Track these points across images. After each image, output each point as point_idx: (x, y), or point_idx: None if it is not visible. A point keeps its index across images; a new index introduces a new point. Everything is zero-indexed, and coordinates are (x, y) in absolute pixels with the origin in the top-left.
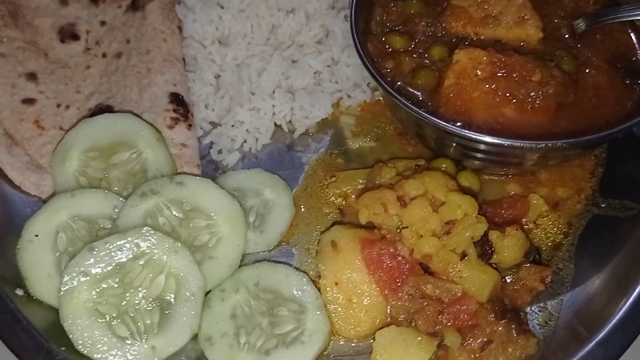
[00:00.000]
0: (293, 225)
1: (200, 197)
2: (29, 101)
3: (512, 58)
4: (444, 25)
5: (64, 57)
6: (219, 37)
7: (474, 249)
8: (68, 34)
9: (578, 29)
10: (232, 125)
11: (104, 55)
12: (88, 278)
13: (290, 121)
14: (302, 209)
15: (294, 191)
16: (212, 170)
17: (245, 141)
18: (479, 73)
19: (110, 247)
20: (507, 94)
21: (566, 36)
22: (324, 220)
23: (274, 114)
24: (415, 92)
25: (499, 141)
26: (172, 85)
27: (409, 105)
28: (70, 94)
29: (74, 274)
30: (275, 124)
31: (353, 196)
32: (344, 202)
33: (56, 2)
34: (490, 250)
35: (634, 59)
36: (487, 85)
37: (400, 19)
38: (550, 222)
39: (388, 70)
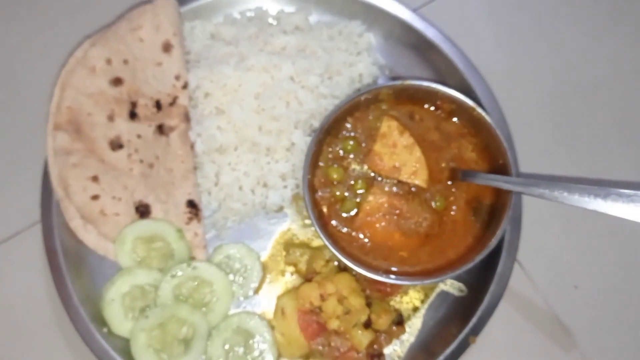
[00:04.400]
0: (261, 282)
1: (206, 275)
2: (95, 197)
3: (402, 206)
4: (367, 164)
5: (115, 162)
6: (217, 148)
7: (360, 322)
8: (116, 144)
9: (457, 175)
10: (226, 214)
11: (141, 161)
12: (144, 330)
13: (264, 207)
14: (268, 271)
15: (263, 257)
16: (213, 237)
17: (234, 220)
18: (381, 211)
19: (156, 313)
20: (397, 226)
21: (446, 179)
22: (281, 280)
23: (253, 203)
24: (339, 219)
25: (376, 277)
26: (187, 194)
27: (331, 247)
28: (121, 189)
29: (137, 328)
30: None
31: (302, 266)
32: (294, 269)
33: (105, 118)
34: (370, 323)
35: (483, 202)
36: (384, 223)
37: (338, 155)
38: (415, 293)
39: (325, 199)
